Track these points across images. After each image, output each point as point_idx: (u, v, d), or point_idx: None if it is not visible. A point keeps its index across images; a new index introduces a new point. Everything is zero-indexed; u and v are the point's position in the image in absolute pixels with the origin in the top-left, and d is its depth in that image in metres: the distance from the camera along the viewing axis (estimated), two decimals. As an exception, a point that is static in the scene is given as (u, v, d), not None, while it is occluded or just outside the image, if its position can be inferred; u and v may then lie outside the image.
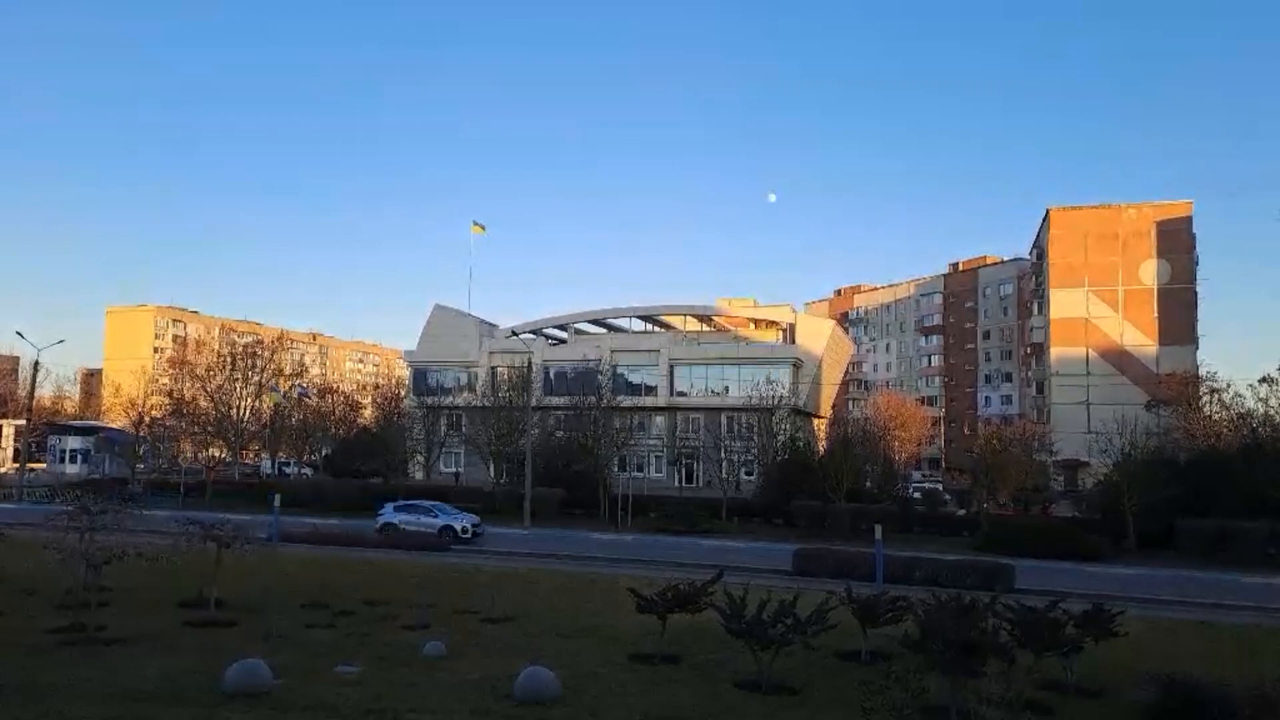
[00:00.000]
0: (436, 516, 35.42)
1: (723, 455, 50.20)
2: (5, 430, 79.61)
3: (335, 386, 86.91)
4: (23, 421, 65.54)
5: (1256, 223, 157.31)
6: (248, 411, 59.35)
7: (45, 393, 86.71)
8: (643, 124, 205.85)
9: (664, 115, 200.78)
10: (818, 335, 72.98)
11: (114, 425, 69.67)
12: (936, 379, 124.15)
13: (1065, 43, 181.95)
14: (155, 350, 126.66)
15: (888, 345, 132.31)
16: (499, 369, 66.48)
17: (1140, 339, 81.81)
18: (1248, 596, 26.77)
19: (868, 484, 49.52)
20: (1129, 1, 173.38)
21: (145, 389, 61.99)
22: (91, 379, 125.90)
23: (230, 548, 16.63)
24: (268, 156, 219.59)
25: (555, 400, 59.60)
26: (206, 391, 58.11)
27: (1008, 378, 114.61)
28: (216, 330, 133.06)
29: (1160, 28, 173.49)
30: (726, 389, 64.87)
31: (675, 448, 62.53)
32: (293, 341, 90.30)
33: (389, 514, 36.26)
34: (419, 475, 58.93)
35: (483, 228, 73.77)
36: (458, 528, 34.83)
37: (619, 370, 65.99)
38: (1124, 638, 13.11)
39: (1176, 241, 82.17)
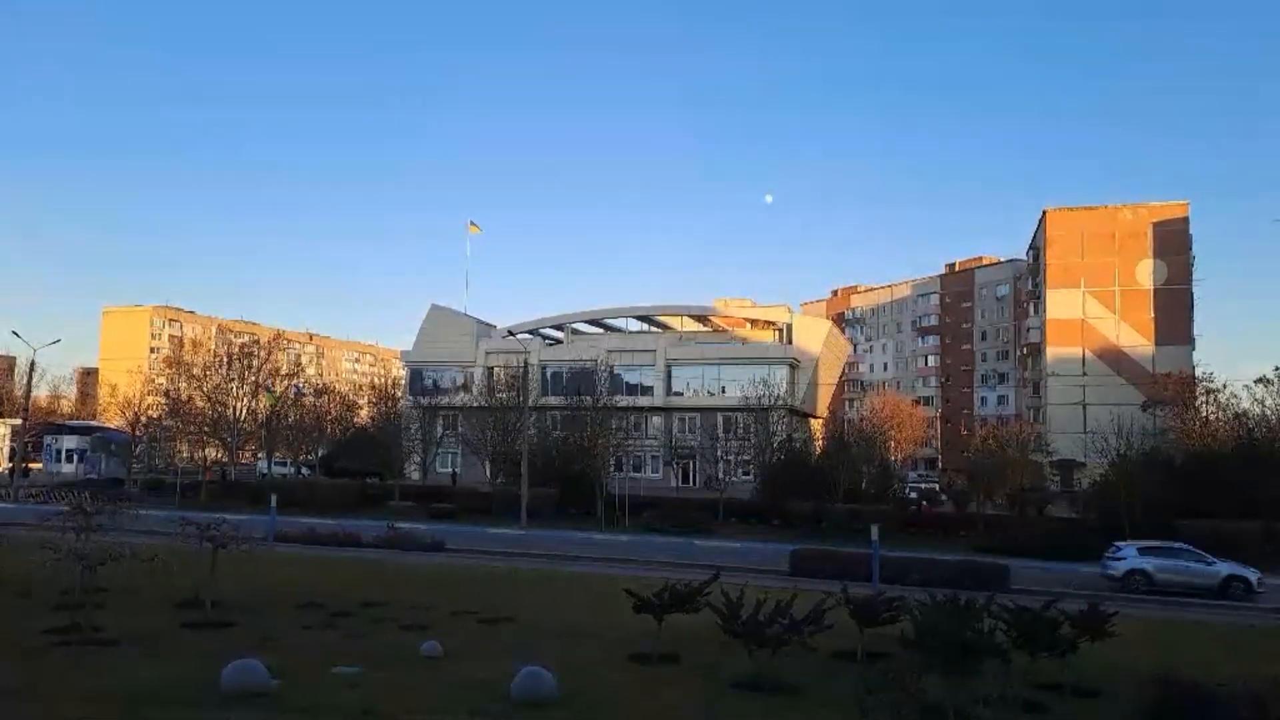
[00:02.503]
0: (1213, 564, 28.42)
1: (719, 455, 50.16)
2: (1, 430, 79.43)
3: (331, 386, 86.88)
4: (19, 421, 65.38)
5: (1253, 223, 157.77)
6: (244, 411, 59.28)
7: (41, 392, 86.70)
8: (640, 124, 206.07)
9: (662, 115, 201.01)
10: (814, 335, 73.09)
11: (110, 425, 69.62)
12: (933, 379, 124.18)
13: (1062, 42, 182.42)
14: (151, 350, 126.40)
15: (884, 345, 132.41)
16: (495, 369, 66.36)
17: (1136, 339, 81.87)
18: (1243, 596, 26.88)
19: (864, 484, 49.54)
20: (1126, 1, 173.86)
21: (141, 389, 61.89)
22: (88, 379, 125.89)
23: (226, 548, 16.60)
24: (264, 156, 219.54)
25: (552, 400, 59.50)
26: (203, 391, 57.98)
27: (1004, 378, 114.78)
28: (213, 330, 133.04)
29: (1158, 27, 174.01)
30: (723, 389, 64.86)
31: (672, 448, 62.48)
32: (289, 341, 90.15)
33: (1132, 558, 28.69)
34: (415, 476, 58.86)
35: (479, 227, 74.00)
36: (1252, 579, 27.78)
37: (616, 370, 65.88)
38: (1120, 637, 13.13)
39: (1173, 242, 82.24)
